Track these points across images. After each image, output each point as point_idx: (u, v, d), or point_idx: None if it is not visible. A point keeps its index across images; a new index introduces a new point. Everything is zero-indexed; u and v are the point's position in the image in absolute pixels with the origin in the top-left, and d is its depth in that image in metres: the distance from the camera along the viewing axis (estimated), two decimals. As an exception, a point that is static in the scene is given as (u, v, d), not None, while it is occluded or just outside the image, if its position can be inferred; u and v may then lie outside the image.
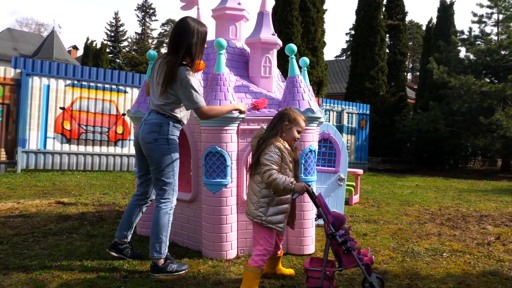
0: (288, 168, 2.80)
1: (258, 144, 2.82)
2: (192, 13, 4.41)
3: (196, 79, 3.20)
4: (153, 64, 3.33)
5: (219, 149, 3.49)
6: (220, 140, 3.51)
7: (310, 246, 3.82)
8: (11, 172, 9.02)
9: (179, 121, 3.25)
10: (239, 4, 4.25)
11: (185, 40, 3.12)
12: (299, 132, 2.91)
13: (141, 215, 3.56)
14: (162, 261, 3.18)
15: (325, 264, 2.69)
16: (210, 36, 4.44)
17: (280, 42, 4.15)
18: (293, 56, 3.87)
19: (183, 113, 3.28)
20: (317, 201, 2.76)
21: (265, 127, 2.91)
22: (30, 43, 39.06)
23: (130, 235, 3.49)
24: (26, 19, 74.37)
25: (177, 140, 3.27)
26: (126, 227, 3.44)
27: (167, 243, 3.24)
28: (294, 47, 3.87)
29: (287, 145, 2.84)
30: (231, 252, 3.59)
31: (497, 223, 5.61)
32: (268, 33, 4.07)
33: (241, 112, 3.48)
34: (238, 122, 3.62)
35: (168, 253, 3.28)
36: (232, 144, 3.57)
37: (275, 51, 4.16)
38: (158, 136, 3.14)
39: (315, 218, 3.01)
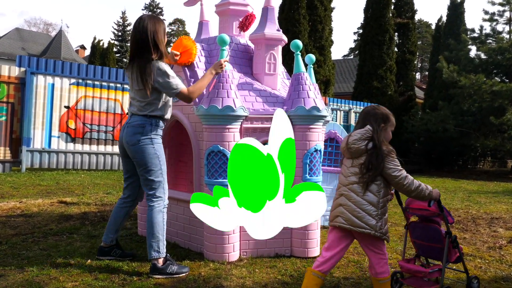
0: None
1: (368, 149, 2.52)
2: (195, 8, 4.32)
3: (168, 66, 3.20)
4: (127, 72, 3.30)
5: (222, 148, 3.39)
6: (222, 139, 3.41)
7: (315, 248, 3.71)
8: (16, 171, 9.00)
9: (161, 119, 3.24)
10: (243, -1, 4.15)
11: (143, 38, 3.11)
12: (391, 131, 2.69)
13: (128, 217, 3.53)
14: (161, 261, 3.11)
15: (444, 259, 2.83)
16: (214, 32, 4.37)
17: (285, 38, 4.04)
18: (298, 52, 3.77)
19: (165, 109, 3.27)
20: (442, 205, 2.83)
21: (369, 127, 2.56)
22: (38, 43, 39.31)
23: (116, 237, 3.44)
24: (35, 19, 75.42)
25: (161, 139, 3.27)
26: (113, 230, 3.40)
27: (165, 242, 3.19)
28: (299, 43, 3.77)
29: None
30: (233, 254, 3.49)
31: (509, 225, 5.44)
32: (273, 29, 3.96)
33: (217, 73, 3.42)
34: (241, 120, 3.51)
35: (168, 255, 3.21)
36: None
37: (280, 48, 4.05)
38: (141, 137, 3.15)
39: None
